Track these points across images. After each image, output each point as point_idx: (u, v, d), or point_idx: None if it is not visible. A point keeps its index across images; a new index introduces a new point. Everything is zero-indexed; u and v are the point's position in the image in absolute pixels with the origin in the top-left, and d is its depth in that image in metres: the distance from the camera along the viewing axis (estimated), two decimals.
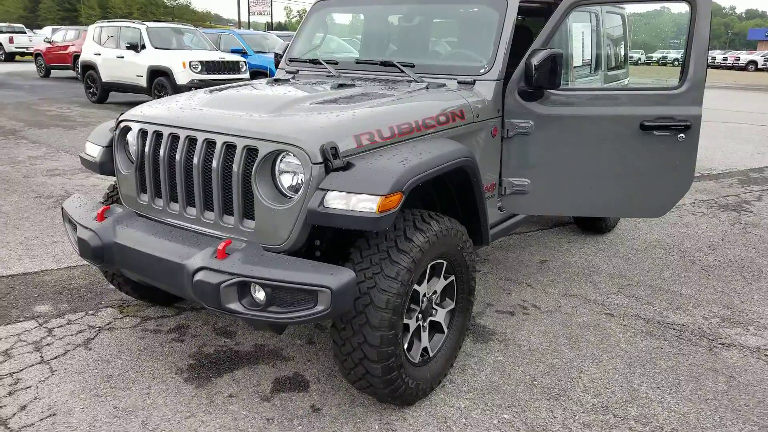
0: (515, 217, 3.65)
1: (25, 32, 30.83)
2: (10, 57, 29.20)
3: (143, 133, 2.67)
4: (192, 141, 2.49)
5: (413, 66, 3.38)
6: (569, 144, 3.23)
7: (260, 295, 2.16)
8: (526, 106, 3.19)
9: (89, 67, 13.36)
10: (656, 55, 32.58)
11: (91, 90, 13.54)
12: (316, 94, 2.91)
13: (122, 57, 12.47)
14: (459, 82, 3.20)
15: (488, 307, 3.59)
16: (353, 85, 3.14)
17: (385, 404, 2.56)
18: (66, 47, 19.00)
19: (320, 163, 2.23)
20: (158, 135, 2.61)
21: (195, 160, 2.45)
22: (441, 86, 3.19)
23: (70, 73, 19.20)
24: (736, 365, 3.00)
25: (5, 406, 2.47)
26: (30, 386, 2.61)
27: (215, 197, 2.44)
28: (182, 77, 11.47)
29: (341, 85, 3.12)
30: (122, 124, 2.80)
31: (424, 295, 2.56)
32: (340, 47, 4.88)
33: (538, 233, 5.01)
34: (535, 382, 2.80)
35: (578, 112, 3.20)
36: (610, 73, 4.54)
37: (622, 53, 5.07)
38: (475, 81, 3.18)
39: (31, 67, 22.22)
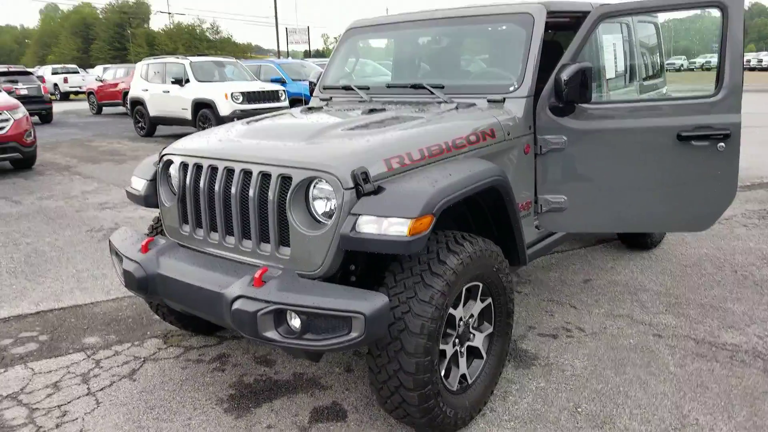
0: (554, 236, 3.58)
1: (78, 72, 32.42)
2: (65, 96, 30.73)
3: (184, 166, 2.75)
4: (230, 172, 2.55)
5: (443, 87, 3.39)
6: (605, 158, 3.16)
7: (296, 322, 2.17)
8: (558, 121, 3.15)
9: (138, 103, 13.93)
10: (699, 60, 31.66)
11: (140, 124, 14.09)
12: (348, 120, 2.96)
13: (168, 92, 12.95)
14: (489, 101, 3.19)
15: (530, 330, 3.51)
16: (384, 110, 3.17)
17: None
18: (116, 85, 19.88)
19: (351, 188, 2.25)
20: (198, 167, 2.68)
21: (233, 190, 2.51)
22: (471, 105, 3.19)
23: (121, 109, 20.03)
24: None
25: None
26: (76, 418, 2.68)
27: (252, 225, 2.48)
28: (225, 108, 11.82)
29: (372, 110, 3.15)
30: (165, 158, 2.89)
31: (461, 319, 2.52)
32: (375, 71, 4.95)
33: (581, 251, 4.89)
34: (579, 410, 2.71)
35: (612, 125, 3.13)
36: (646, 83, 4.44)
37: (659, 62, 4.97)
38: (504, 99, 3.17)
39: (84, 105, 23.30)
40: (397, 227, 2.16)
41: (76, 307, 3.97)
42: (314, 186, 2.36)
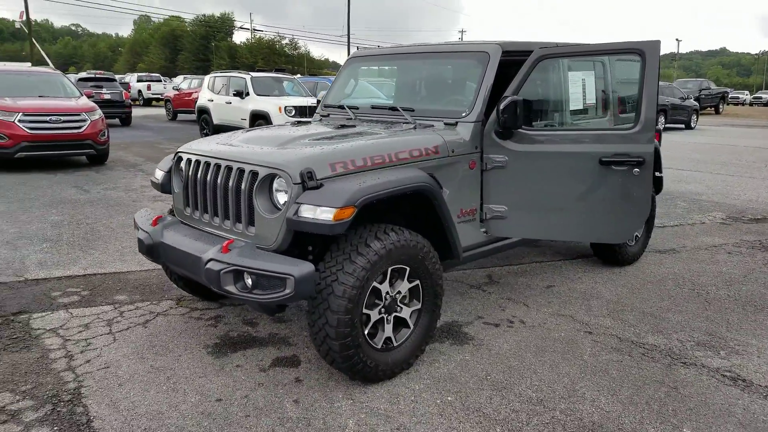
0: (504, 240, 4.14)
1: (160, 80, 35.01)
2: (148, 102, 33.27)
3: (189, 161, 3.54)
4: (218, 167, 3.32)
5: (413, 110, 4.05)
6: (539, 176, 3.72)
7: (249, 281, 2.89)
8: (500, 143, 3.75)
9: (203, 111, 15.26)
10: (765, 96, 30.75)
11: (205, 131, 15.39)
12: (319, 132, 3.67)
13: (230, 102, 14.16)
14: (445, 124, 3.82)
15: (478, 318, 4.08)
16: (354, 126, 3.87)
17: (355, 381, 3.16)
18: (190, 94, 21.53)
19: (299, 183, 2.95)
20: (198, 163, 3.47)
21: (218, 181, 3.27)
22: (428, 126, 3.83)
23: (194, 116, 21.67)
24: (685, 380, 3.28)
25: (77, 359, 3.36)
26: (96, 347, 3.50)
27: (230, 209, 3.23)
28: (278, 120, 12.85)
29: (343, 126, 3.86)
30: (178, 155, 3.70)
31: (387, 293, 3.16)
32: (369, 92, 5.64)
33: (559, 263, 5.38)
34: (489, 377, 3.27)
35: (545, 149, 3.70)
36: (622, 115, 4.92)
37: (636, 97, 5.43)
38: (457, 123, 3.79)
39: (163, 111, 25.23)
40: (325, 214, 2.83)
41: (115, 273, 4.85)
42: (275, 181, 3.08)
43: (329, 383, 3.17)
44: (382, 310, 3.16)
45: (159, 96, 32.20)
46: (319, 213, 2.85)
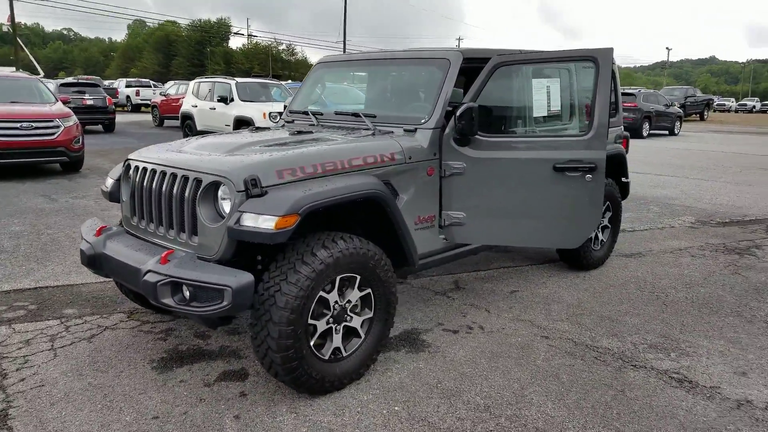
0: (463, 247, 4.09)
1: (150, 86, 34.44)
2: (137, 108, 32.72)
3: (136, 168, 3.46)
4: (164, 174, 3.24)
5: (375, 117, 4.01)
6: (496, 182, 3.70)
7: (187, 293, 2.81)
8: (459, 150, 3.72)
9: (187, 117, 15.17)
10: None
11: (188, 137, 15.27)
12: (273, 138, 3.62)
13: (214, 108, 14.08)
14: (405, 130, 3.78)
15: (438, 325, 4.03)
16: (311, 132, 3.81)
17: (302, 394, 3.09)
18: (177, 100, 21.29)
19: (242, 191, 2.88)
20: (144, 170, 3.39)
21: (163, 189, 3.19)
22: (388, 133, 3.78)
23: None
24: (633, 383, 3.26)
25: (10, 377, 3.24)
26: (34, 365, 3.38)
27: (175, 218, 3.15)
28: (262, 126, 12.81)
29: (300, 132, 3.81)
30: (127, 162, 3.62)
31: (336, 303, 3.09)
32: (335, 98, 5.58)
33: (526, 268, 5.35)
34: (440, 385, 3.22)
35: (502, 155, 3.68)
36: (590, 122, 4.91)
37: (614, 104, 5.45)
38: (416, 129, 3.75)
39: (150, 118, 24.96)
40: (267, 222, 2.77)
41: (69, 286, 4.73)
42: (220, 189, 3.00)
43: (275, 397, 3.09)
44: (331, 320, 3.10)
45: (148, 102, 31.88)
46: (261, 221, 2.79)
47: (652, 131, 21.17)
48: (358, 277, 3.15)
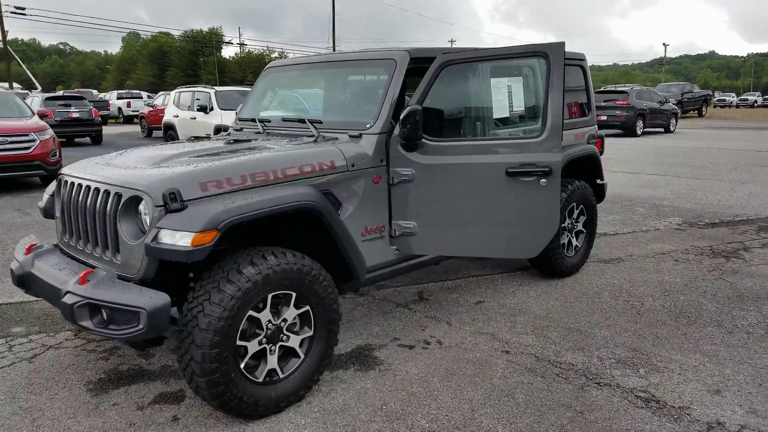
0: (417, 259, 3.91)
1: (141, 97, 34.63)
2: (128, 119, 32.87)
3: (65, 183, 3.31)
4: (88, 189, 3.09)
5: (322, 123, 3.84)
6: (447, 189, 3.51)
7: (105, 315, 2.65)
8: (407, 156, 3.54)
9: (169, 128, 15.03)
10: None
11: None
12: (206, 149, 3.45)
13: (194, 118, 13.94)
14: (350, 136, 3.61)
15: (393, 340, 3.85)
16: (250, 141, 3.65)
17: (236, 418, 2.92)
18: (163, 110, 21.29)
19: (161, 206, 2.72)
20: (72, 185, 3.24)
21: (88, 204, 3.04)
22: (332, 139, 3.62)
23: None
24: (594, 403, 3.06)
25: None
26: None
27: (99, 234, 2.99)
28: None
29: (237, 141, 3.65)
30: (59, 177, 3.47)
31: (270, 322, 2.92)
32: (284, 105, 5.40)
33: (497, 276, 5.16)
34: (385, 407, 3.04)
35: (452, 161, 3.49)
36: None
37: (587, 103, 5.26)
38: (361, 135, 3.58)
39: (139, 129, 24.95)
40: (183, 239, 2.60)
41: (22, 303, 4.59)
42: (141, 204, 2.85)
43: (208, 421, 2.92)
44: (264, 340, 2.93)
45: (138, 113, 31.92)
46: (178, 238, 2.62)
47: (646, 129, 20.88)
48: (294, 294, 2.98)
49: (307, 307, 3.06)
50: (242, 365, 2.84)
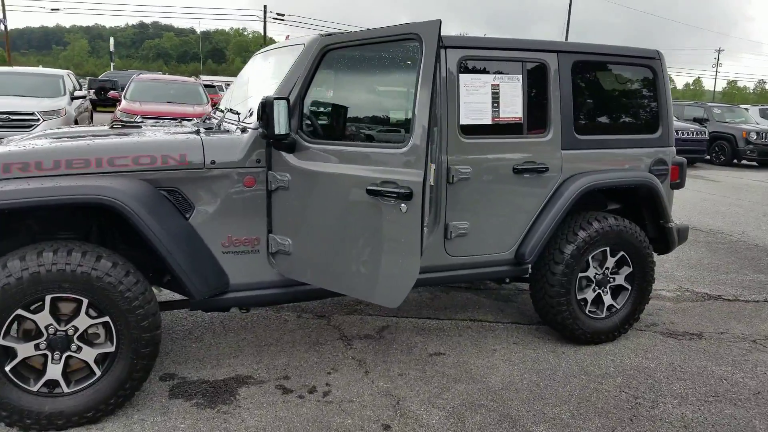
0: (305, 285, 3.13)
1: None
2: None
3: None
4: None
5: (239, 113, 3.37)
6: (314, 203, 2.80)
7: None
8: (285, 158, 2.89)
9: None
10: None
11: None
12: (83, 131, 3.28)
13: None
14: (241, 130, 3.08)
15: (280, 379, 3.22)
16: (140, 126, 3.34)
17: None
18: None
19: None
20: None
21: None
22: (226, 132, 3.13)
23: None
24: None
25: None
26: None
27: None
28: None
29: (125, 125, 3.36)
30: None
31: (51, 326, 2.58)
32: None
33: (504, 326, 4.10)
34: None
35: (320, 168, 2.76)
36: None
37: (656, 115, 3.93)
38: (246, 129, 3.03)
39: None
40: None
41: None
42: None
43: None
44: (43, 345, 2.60)
45: None
46: None
47: None
48: (85, 301, 2.59)
49: (107, 319, 2.65)
50: (8, 368, 2.55)
